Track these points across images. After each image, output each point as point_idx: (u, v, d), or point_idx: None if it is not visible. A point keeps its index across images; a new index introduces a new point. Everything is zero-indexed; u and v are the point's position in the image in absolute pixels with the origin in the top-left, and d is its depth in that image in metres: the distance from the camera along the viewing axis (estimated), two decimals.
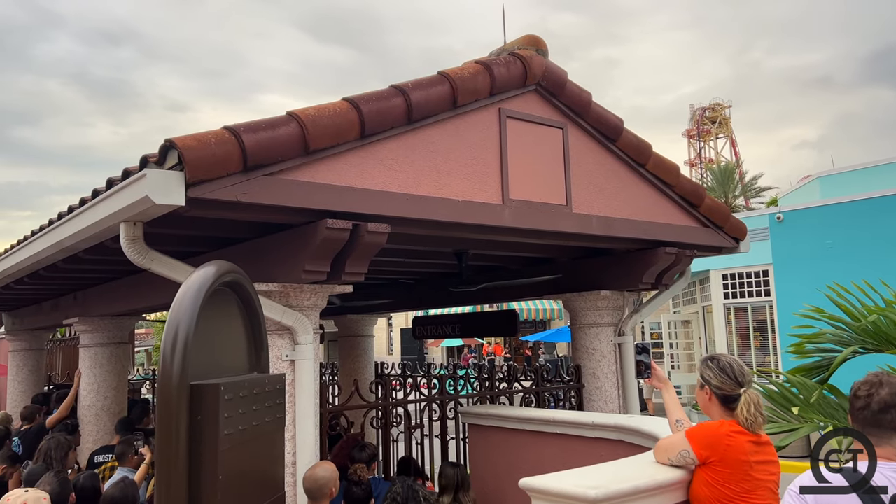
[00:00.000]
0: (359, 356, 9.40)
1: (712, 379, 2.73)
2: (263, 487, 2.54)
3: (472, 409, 5.43)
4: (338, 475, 3.67)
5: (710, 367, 2.75)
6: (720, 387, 2.70)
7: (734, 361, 2.75)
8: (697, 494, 2.61)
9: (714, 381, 2.72)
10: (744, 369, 2.70)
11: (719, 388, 2.70)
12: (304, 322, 4.03)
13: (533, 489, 2.39)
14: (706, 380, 2.75)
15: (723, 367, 2.72)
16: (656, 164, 5.34)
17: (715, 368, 2.73)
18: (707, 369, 2.76)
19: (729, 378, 2.69)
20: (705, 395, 2.76)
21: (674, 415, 3.06)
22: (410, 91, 3.91)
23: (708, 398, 2.75)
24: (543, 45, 4.75)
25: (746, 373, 2.70)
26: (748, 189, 42.43)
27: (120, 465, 5.03)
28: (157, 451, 2.06)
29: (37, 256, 4.86)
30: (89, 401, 6.99)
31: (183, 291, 2.21)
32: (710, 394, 2.73)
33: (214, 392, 2.15)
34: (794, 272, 13.34)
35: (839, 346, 3.92)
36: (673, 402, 3.15)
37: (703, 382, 2.77)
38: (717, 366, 2.73)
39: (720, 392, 2.70)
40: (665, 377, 3.33)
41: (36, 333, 10.21)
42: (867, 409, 2.14)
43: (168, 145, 3.17)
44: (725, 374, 2.70)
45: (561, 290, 6.24)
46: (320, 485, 3.55)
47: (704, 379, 2.77)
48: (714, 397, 2.72)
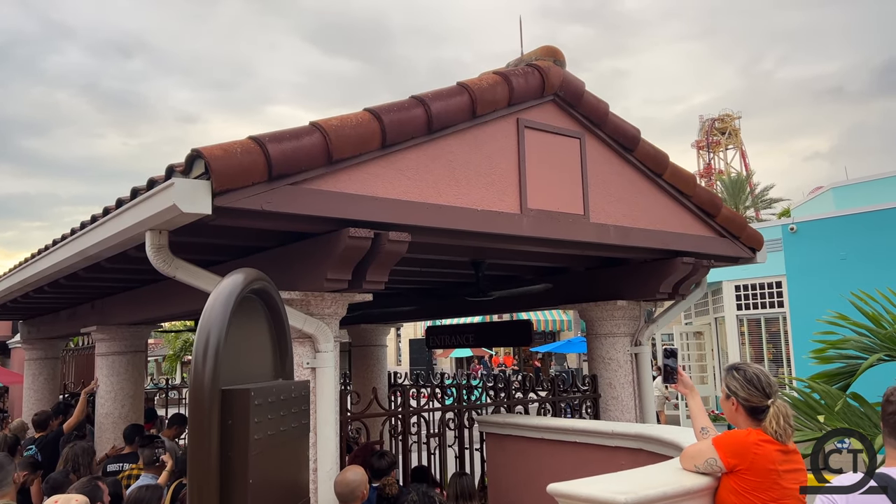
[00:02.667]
0: (372, 365, 9.42)
1: (739, 391, 2.69)
2: (290, 492, 2.57)
3: (490, 417, 5.44)
4: (367, 479, 3.69)
5: (735, 377, 2.71)
6: (748, 399, 2.67)
7: (760, 372, 2.70)
8: (724, 501, 2.60)
9: (741, 393, 2.68)
10: (770, 380, 2.67)
11: (746, 401, 2.67)
12: (325, 330, 4.07)
13: (561, 494, 2.40)
14: (732, 391, 2.71)
15: (749, 379, 2.67)
16: (673, 174, 5.36)
17: (742, 380, 2.69)
18: (733, 380, 2.72)
19: (756, 390, 2.65)
20: (731, 406, 2.73)
21: (699, 422, 3.03)
22: (430, 101, 3.96)
23: (734, 409, 2.71)
24: (561, 55, 4.79)
25: (773, 383, 2.66)
26: (759, 200, 42.30)
27: (145, 472, 5.06)
28: (189, 454, 2.08)
29: (59, 265, 4.92)
30: (107, 409, 7.03)
31: (213, 298, 2.24)
32: (737, 405, 2.70)
33: (245, 397, 2.17)
34: (808, 283, 13.29)
35: (862, 353, 3.91)
36: (698, 409, 3.12)
37: (730, 393, 2.73)
38: (743, 377, 2.69)
39: (748, 404, 2.67)
40: (690, 383, 3.30)
41: (51, 342, 10.29)
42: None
43: (195, 155, 3.22)
44: (753, 385, 2.66)
45: (577, 300, 6.24)
46: (352, 488, 3.58)
47: (731, 390, 2.72)
48: (741, 408, 2.69)
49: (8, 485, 4.07)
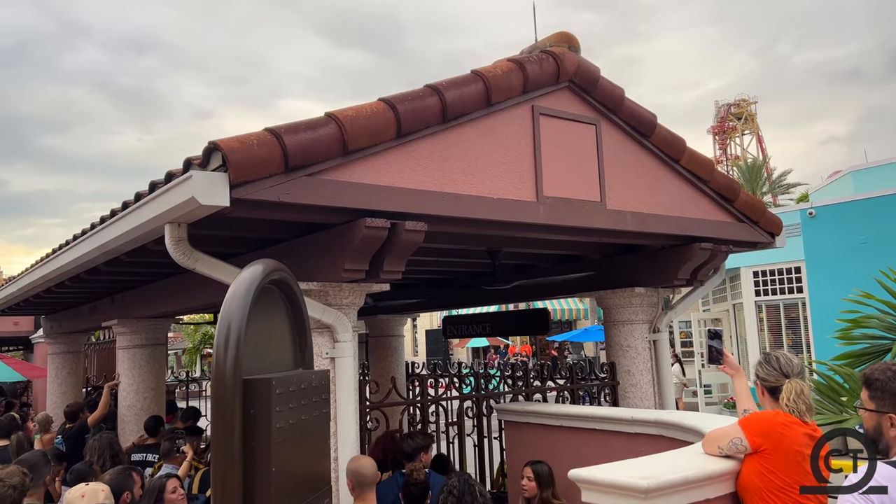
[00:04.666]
0: (389, 356, 9.46)
1: (760, 371, 2.80)
2: (312, 481, 2.59)
3: (509, 406, 5.45)
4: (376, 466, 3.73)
5: (760, 363, 2.83)
6: (766, 378, 2.77)
7: (783, 355, 2.80)
8: (747, 484, 2.60)
9: (761, 374, 2.80)
10: (792, 361, 2.74)
11: (765, 380, 2.78)
12: (344, 320, 4.08)
13: (583, 480, 2.40)
14: (757, 374, 2.83)
15: (769, 360, 2.79)
16: (690, 160, 5.31)
17: (763, 362, 2.81)
18: (758, 365, 2.83)
19: (773, 369, 2.75)
20: (759, 390, 2.83)
21: (742, 403, 3.11)
22: (445, 90, 3.94)
23: (761, 392, 2.81)
24: (576, 41, 4.75)
25: (795, 364, 2.73)
26: (776, 185, 41.85)
27: (165, 463, 5.13)
28: (212, 443, 2.10)
29: (80, 259, 4.97)
30: (129, 401, 7.12)
31: (234, 289, 2.26)
32: (761, 387, 2.79)
33: (267, 386, 2.19)
34: (828, 268, 13.13)
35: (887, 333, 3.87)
36: (743, 390, 3.21)
37: (757, 378, 2.84)
38: (765, 360, 2.81)
39: (766, 384, 2.77)
40: (737, 364, 3.36)
41: (74, 336, 10.43)
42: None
43: (212, 147, 3.24)
44: (770, 365, 2.77)
45: (594, 288, 6.22)
46: (372, 469, 3.63)
47: (756, 374, 2.84)
48: (765, 390, 2.78)
49: (40, 485, 4.14)
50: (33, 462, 4.23)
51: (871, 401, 2.23)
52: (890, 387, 2.17)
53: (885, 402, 2.19)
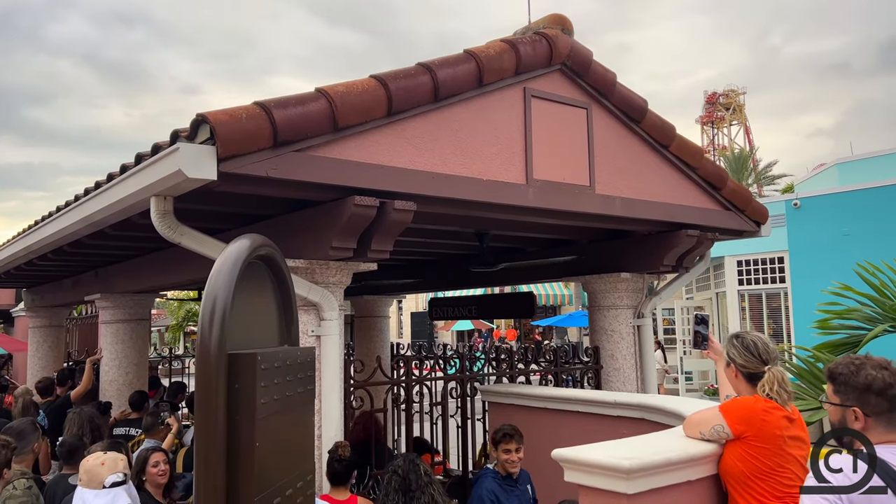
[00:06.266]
0: (375, 336, 9.47)
1: (737, 357, 2.76)
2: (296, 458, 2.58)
3: (493, 387, 5.47)
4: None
5: (734, 345, 2.77)
6: (745, 365, 2.73)
7: (759, 339, 2.76)
8: (730, 469, 2.63)
9: (738, 360, 2.75)
10: (769, 346, 2.72)
11: (744, 367, 2.74)
12: (330, 298, 4.07)
13: (566, 460, 2.42)
14: (731, 358, 2.79)
15: (747, 346, 2.74)
16: (680, 146, 5.32)
17: (739, 347, 2.76)
18: (732, 347, 2.78)
19: (753, 357, 2.71)
20: (732, 373, 2.80)
21: (725, 389, 3.09)
22: (437, 69, 3.91)
23: (734, 375, 2.78)
24: (569, 24, 4.72)
25: (772, 350, 2.71)
26: (762, 177, 42.10)
27: (147, 437, 5.12)
28: (196, 418, 2.08)
29: (63, 231, 4.91)
30: (111, 376, 7.08)
31: (220, 263, 2.23)
32: (737, 372, 2.77)
33: (252, 361, 2.17)
34: (810, 259, 13.26)
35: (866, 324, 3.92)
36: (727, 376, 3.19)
37: (729, 360, 2.80)
38: (741, 344, 2.76)
39: (745, 371, 2.74)
40: (722, 350, 3.35)
41: (55, 310, 10.34)
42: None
43: (200, 120, 3.19)
44: (749, 352, 2.72)
45: (581, 272, 6.24)
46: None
47: (730, 357, 2.80)
48: (740, 375, 2.75)
49: (27, 452, 4.11)
50: (20, 429, 4.21)
51: (836, 395, 2.25)
52: (853, 381, 2.19)
53: (848, 397, 2.21)
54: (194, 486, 1.88)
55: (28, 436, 4.11)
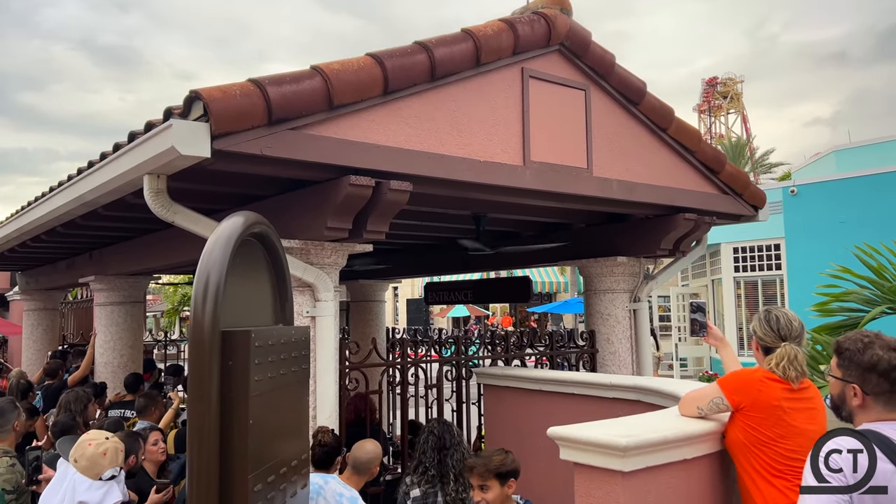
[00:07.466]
0: (371, 320, 9.47)
1: (757, 329, 2.77)
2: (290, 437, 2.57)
3: (488, 370, 5.46)
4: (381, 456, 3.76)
5: (760, 318, 2.79)
6: (762, 338, 2.74)
7: (784, 315, 2.74)
8: (733, 440, 2.64)
9: (758, 332, 2.76)
10: (792, 324, 2.69)
11: (761, 340, 2.75)
12: (325, 279, 4.05)
13: (562, 437, 2.41)
14: (753, 329, 2.81)
15: (769, 320, 2.74)
16: (678, 129, 5.29)
17: (762, 320, 2.77)
18: (756, 321, 2.80)
19: (771, 330, 2.71)
20: (754, 345, 2.81)
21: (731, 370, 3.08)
22: (434, 47, 3.87)
23: (755, 348, 2.79)
24: (568, 4, 4.67)
25: (795, 328, 2.68)
26: (758, 165, 42.09)
27: (141, 419, 5.11)
28: (189, 395, 2.07)
29: (57, 212, 4.87)
30: (106, 358, 7.06)
31: (213, 240, 2.21)
32: (757, 344, 2.77)
33: (246, 338, 2.15)
34: (807, 246, 13.27)
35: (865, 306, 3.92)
36: (731, 360, 3.21)
37: (752, 333, 2.82)
38: (765, 317, 2.76)
39: (762, 343, 2.74)
40: (721, 335, 3.35)
41: (50, 293, 10.30)
42: None
43: (193, 96, 3.15)
44: (769, 325, 2.72)
45: (577, 256, 6.22)
46: (369, 458, 3.63)
47: (753, 328, 2.82)
48: (759, 347, 2.76)
49: (8, 431, 4.07)
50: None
51: (839, 368, 2.25)
52: (857, 358, 2.18)
53: (850, 373, 2.20)
54: (187, 462, 1.86)
55: (7, 414, 4.07)
